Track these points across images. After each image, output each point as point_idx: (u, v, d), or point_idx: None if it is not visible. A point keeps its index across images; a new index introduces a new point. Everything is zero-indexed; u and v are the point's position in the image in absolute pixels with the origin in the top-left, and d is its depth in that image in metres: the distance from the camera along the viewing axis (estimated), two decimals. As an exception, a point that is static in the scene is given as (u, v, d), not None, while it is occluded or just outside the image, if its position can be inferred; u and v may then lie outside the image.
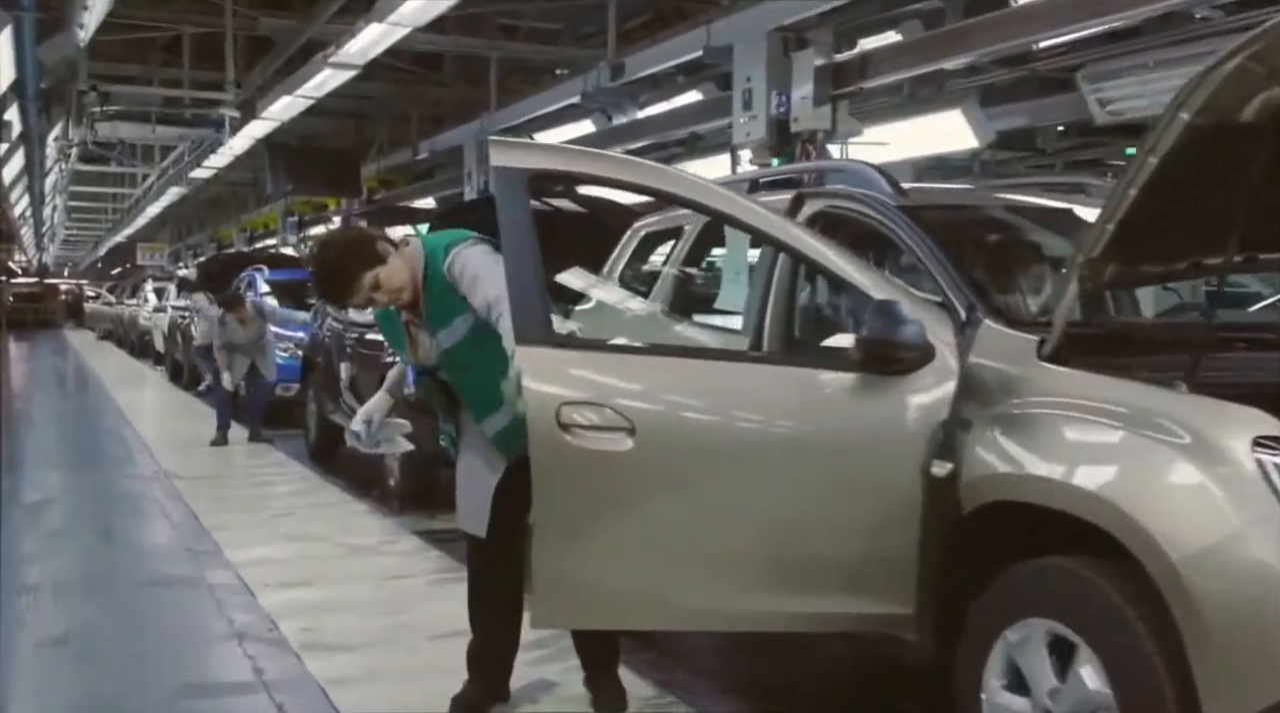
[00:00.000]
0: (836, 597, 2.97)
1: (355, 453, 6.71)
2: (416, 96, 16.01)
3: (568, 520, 3.00)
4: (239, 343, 10.34)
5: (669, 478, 2.98)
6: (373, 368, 7.90)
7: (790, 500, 2.95)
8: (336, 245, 3.52)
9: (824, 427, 2.96)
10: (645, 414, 2.96)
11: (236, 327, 10.28)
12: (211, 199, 31.43)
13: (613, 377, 3.06)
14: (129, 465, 9.70)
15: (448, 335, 3.45)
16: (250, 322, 10.26)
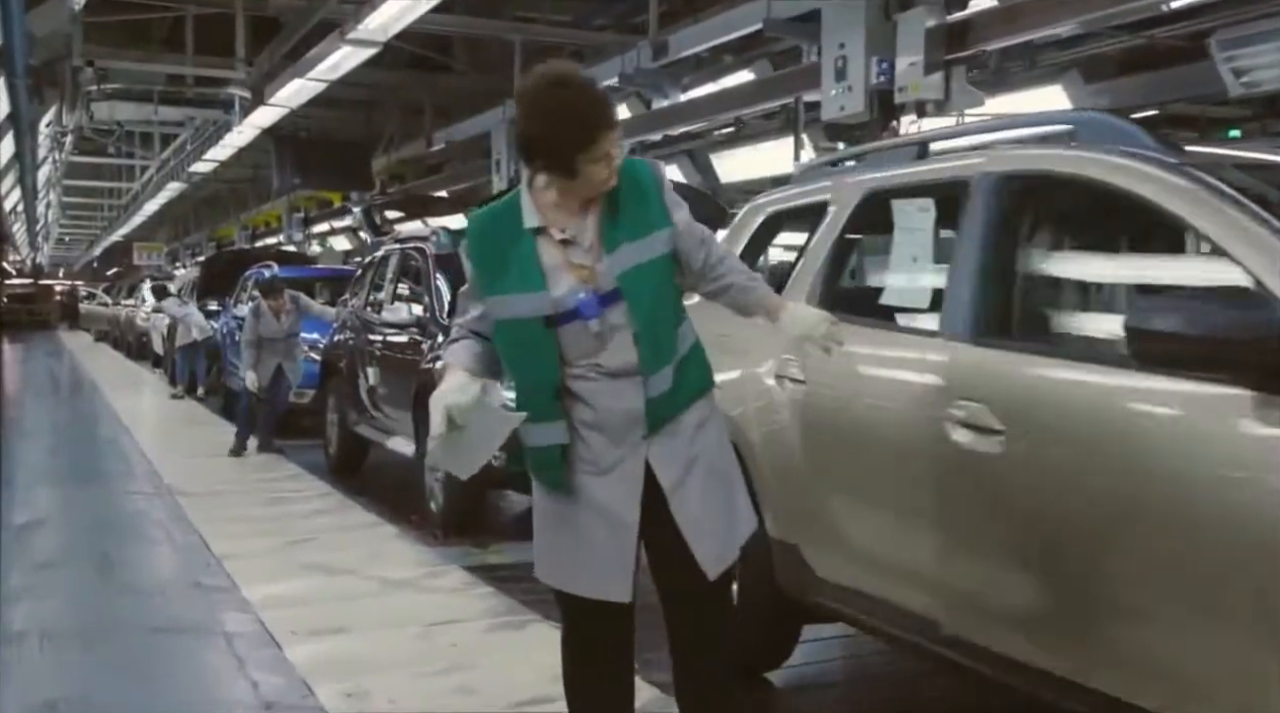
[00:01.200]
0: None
1: (383, 468, 5.82)
2: (429, 86, 15.17)
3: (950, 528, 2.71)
4: (272, 338, 9.41)
5: (1034, 493, 2.63)
6: (399, 375, 7.03)
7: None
8: (578, 86, 2.52)
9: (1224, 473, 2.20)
10: (1018, 417, 2.62)
11: (271, 319, 9.36)
12: (209, 198, 30.65)
13: (985, 374, 2.76)
14: (128, 480, 8.81)
15: (640, 250, 2.55)
16: (286, 314, 9.34)
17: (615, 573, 2.66)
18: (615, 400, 2.57)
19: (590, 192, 2.53)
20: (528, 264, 2.55)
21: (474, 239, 2.65)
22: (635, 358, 2.57)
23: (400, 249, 7.78)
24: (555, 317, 2.52)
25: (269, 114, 13.14)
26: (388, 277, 7.86)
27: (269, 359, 9.43)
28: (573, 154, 2.46)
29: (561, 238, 2.55)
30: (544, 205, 2.57)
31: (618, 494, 2.63)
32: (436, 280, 6.98)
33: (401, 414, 6.99)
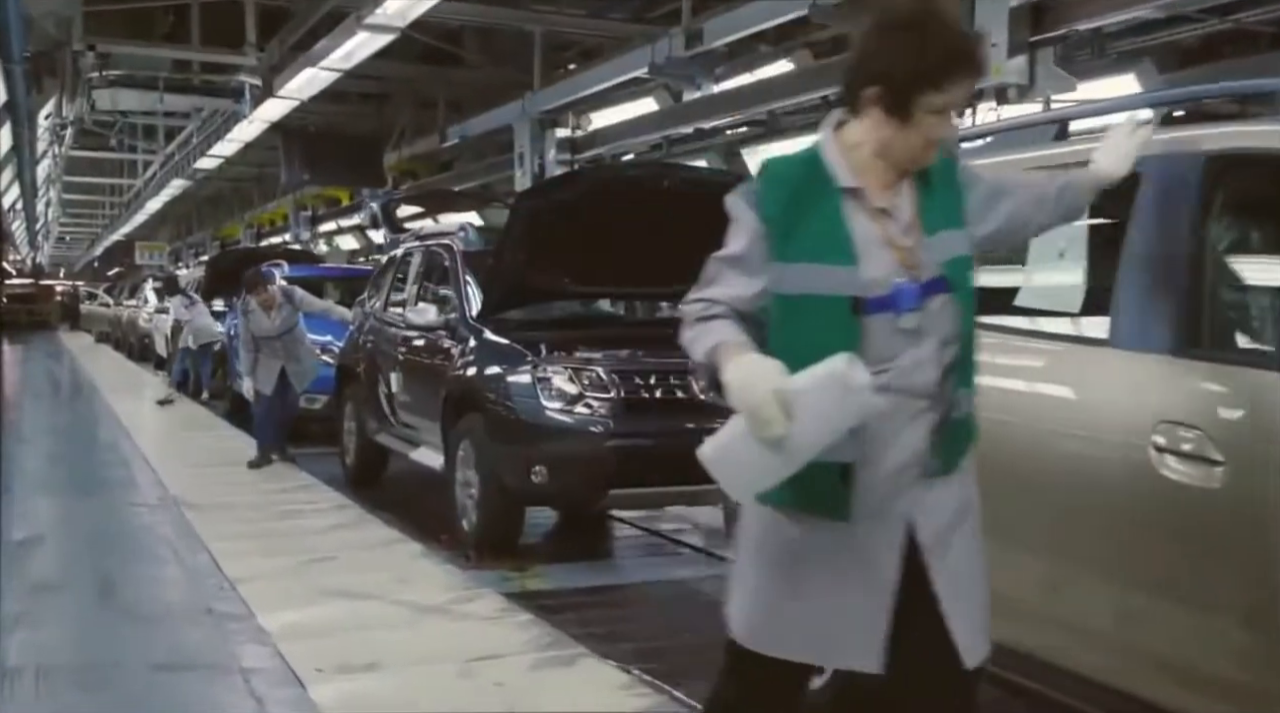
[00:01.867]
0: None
1: (402, 479, 5.27)
2: (442, 79, 14.68)
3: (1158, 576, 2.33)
4: (267, 336, 8.81)
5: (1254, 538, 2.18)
6: (426, 382, 6.53)
7: None
8: (950, 13, 2.09)
9: None
10: (1237, 444, 2.21)
11: (261, 316, 8.70)
12: (213, 196, 30.18)
13: (1197, 392, 2.35)
14: (131, 490, 8.31)
15: (958, 241, 2.10)
16: (278, 308, 8.66)
17: (870, 638, 2.07)
18: (902, 425, 2.04)
19: (911, 155, 2.05)
20: (835, 230, 2.03)
21: (770, 186, 2.11)
22: (935, 374, 2.04)
23: (424, 247, 7.28)
24: (864, 301, 2.01)
25: (278, 107, 12.65)
26: (410, 276, 7.36)
27: (269, 362, 8.82)
28: (918, 89, 1.98)
29: (879, 207, 2.06)
30: (855, 165, 2.08)
31: (877, 544, 2.06)
32: (465, 281, 6.48)
33: (428, 424, 6.50)
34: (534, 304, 6.41)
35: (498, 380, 5.59)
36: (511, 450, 5.45)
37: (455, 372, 6.03)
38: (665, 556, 6.24)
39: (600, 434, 5.35)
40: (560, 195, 5.80)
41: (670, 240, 6.13)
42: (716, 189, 5.58)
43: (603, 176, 6.00)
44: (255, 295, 8.64)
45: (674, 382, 5.56)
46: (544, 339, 5.73)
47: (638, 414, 5.46)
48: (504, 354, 5.68)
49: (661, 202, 5.87)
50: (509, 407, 5.50)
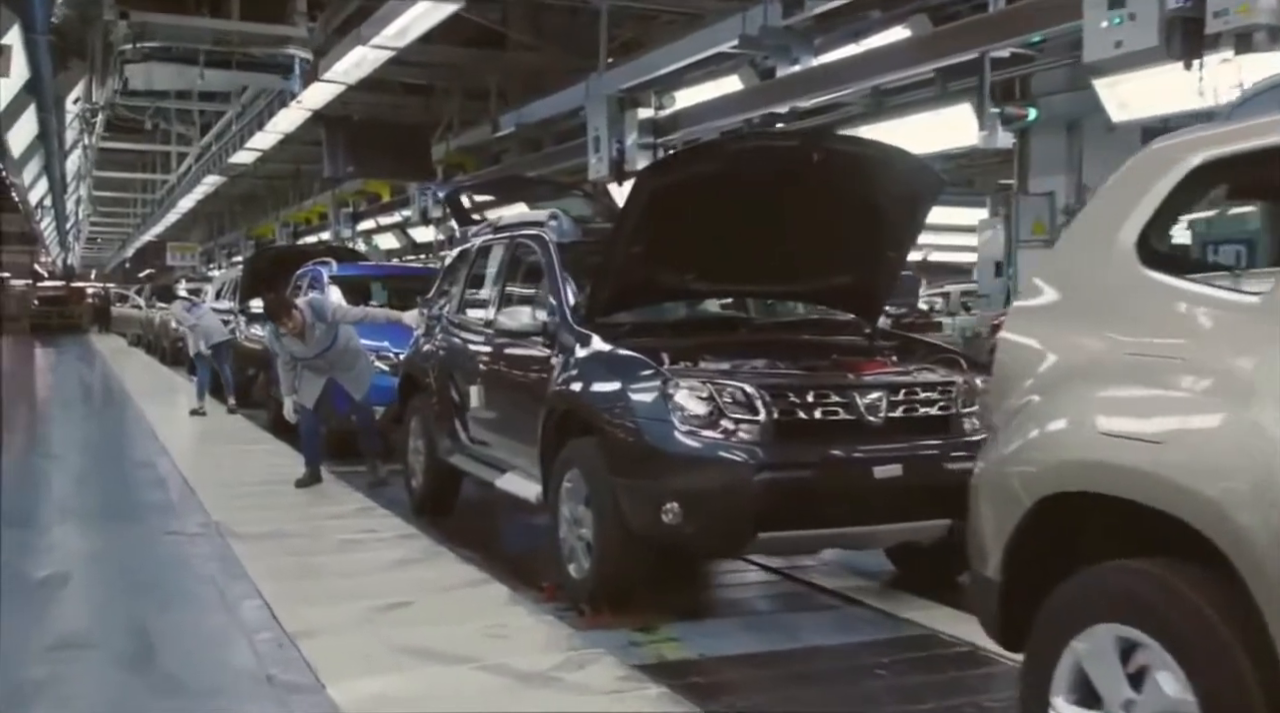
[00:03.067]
0: None
1: (475, 503, 4.38)
2: (495, 64, 13.75)
3: None
4: (305, 357, 7.91)
5: None
6: (519, 397, 5.53)
7: None
8: None
9: None
10: None
11: (294, 341, 7.79)
12: (245, 195, 29.46)
13: None
14: (168, 516, 7.38)
15: None
16: (309, 329, 7.73)
17: None
18: None
19: None
20: None
21: None
22: None
23: (508, 239, 6.27)
24: None
25: (323, 92, 11.72)
26: (490, 273, 6.35)
27: (313, 378, 7.93)
28: None
29: None
30: None
31: None
32: (563, 278, 5.47)
33: (520, 447, 5.49)
34: (649, 305, 5.40)
35: (618, 398, 4.57)
36: (637, 484, 4.43)
37: (558, 387, 5.01)
38: (826, 612, 5.12)
39: (747, 464, 4.33)
40: (688, 172, 4.78)
41: (820, 227, 5.17)
42: (880, 163, 4.60)
43: (740, 148, 4.94)
44: (281, 325, 7.68)
45: (835, 399, 4.52)
46: (669, 348, 4.71)
47: (792, 439, 4.43)
48: (624, 366, 4.65)
49: (810, 179, 4.85)
50: (633, 430, 4.46)
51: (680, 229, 4.88)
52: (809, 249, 5.14)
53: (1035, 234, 9.23)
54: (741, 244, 5.05)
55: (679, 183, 4.75)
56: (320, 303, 7.85)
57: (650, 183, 4.75)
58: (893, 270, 5.51)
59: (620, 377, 4.65)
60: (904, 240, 5.35)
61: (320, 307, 7.79)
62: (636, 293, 5.10)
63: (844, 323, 5.74)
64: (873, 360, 4.86)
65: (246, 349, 13.34)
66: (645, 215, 4.78)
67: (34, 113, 10.76)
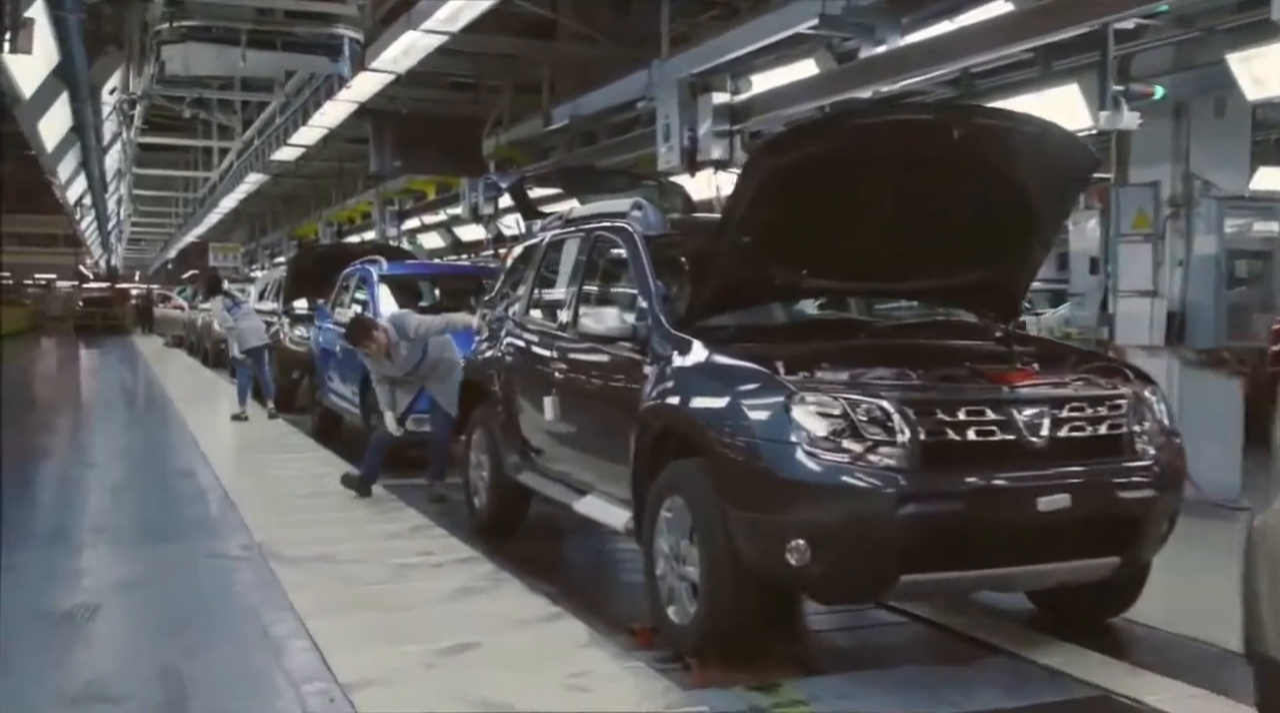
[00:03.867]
0: None
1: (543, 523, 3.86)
2: (548, 54, 13.08)
3: None
4: (396, 376, 7.45)
5: None
6: (605, 410, 4.86)
7: None
8: None
9: None
10: None
11: (380, 362, 7.36)
12: (288, 195, 29.05)
13: None
14: (207, 535, 6.80)
15: None
16: (394, 347, 7.25)
17: None
18: None
19: None
20: None
21: None
22: None
23: (583, 232, 5.58)
24: None
25: (370, 82, 11.11)
26: (565, 271, 5.66)
27: (403, 396, 7.47)
28: None
29: None
30: None
31: None
32: (654, 275, 4.78)
33: (605, 468, 4.81)
34: (757, 306, 4.69)
35: (731, 415, 3.86)
36: (755, 517, 3.73)
37: (654, 400, 4.31)
38: (970, 665, 4.31)
39: (890, 494, 3.61)
40: (808, 150, 4.07)
41: (954, 214, 4.46)
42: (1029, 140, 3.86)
43: (869, 122, 4.20)
44: (363, 348, 7.22)
45: (990, 416, 3.80)
46: (783, 356, 4.01)
47: (942, 464, 3.72)
48: (737, 377, 3.94)
49: (947, 158, 4.14)
50: (750, 453, 3.76)
51: (796, 217, 4.18)
52: (941, 239, 4.43)
53: (1137, 228, 8.43)
54: (864, 234, 4.35)
55: (797, 162, 4.05)
56: (402, 320, 7.32)
57: (765, 162, 4.04)
58: (1033, 264, 4.78)
59: (732, 390, 3.95)
60: (1049, 229, 4.61)
61: (402, 324, 7.27)
62: (744, 292, 4.39)
63: (971, 325, 5.01)
64: (1022, 370, 4.13)
65: (291, 352, 12.84)
66: (757, 200, 4.08)
67: (67, 102, 10.21)
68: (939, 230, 4.39)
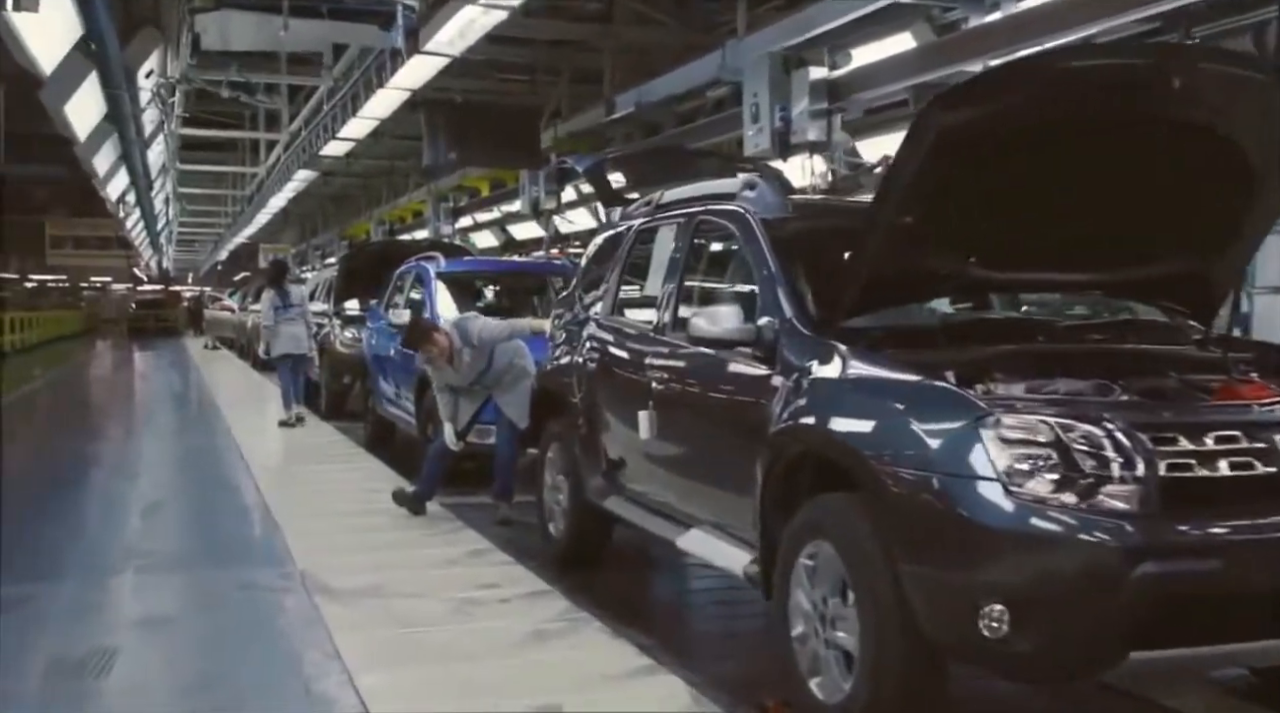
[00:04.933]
0: None
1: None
2: (611, 38, 12.33)
3: None
4: (461, 385, 6.70)
5: None
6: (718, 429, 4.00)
7: None
8: None
9: None
10: None
11: (445, 371, 6.63)
12: (338, 194, 28.61)
13: None
14: (246, 560, 6.08)
15: None
16: (456, 353, 6.53)
17: None
18: None
19: None
20: None
21: None
22: None
23: (683, 217, 4.73)
24: None
25: (424, 67, 10.39)
26: (660, 263, 4.80)
27: (468, 405, 6.67)
28: None
29: None
30: None
31: None
32: (780, 266, 3.91)
33: (720, 498, 3.96)
34: (916, 301, 3.83)
35: (902, 441, 2.99)
36: (937, 574, 2.87)
37: (789, 420, 3.43)
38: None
39: (1120, 549, 2.73)
40: (991, 105, 3.19)
41: (1162, 186, 3.57)
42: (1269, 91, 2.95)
43: (1068, 68, 3.28)
44: (424, 352, 6.50)
45: (1245, 445, 2.91)
46: (957, 364, 3.15)
47: (1189, 508, 2.83)
48: (908, 393, 3.08)
49: (1160, 113, 3.26)
50: (932, 491, 2.89)
51: (969, 191, 3.31)
52: (1143, 219, 3.54)
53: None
54: (1048, 213, 3.46)
55: (977, 120, 3.18)
56: (465, 325, 6.57)
57: (938, 120, 3.16)
58: (1248, 251, 3.87)
59: (901, 408, 3.08)
60: (1275, 208, 3.70)
61: (465, 329, 6.50)
62: (902, 285, 3.52)
63: (1162, 326, 4.10)
64: (1257, 382, 3.23)
65: (342, 355, 12.13)
66: (925, 169, 3.22)
67: (97, 84, 9.51)
68: (1143, 207, 3.50)
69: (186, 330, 39.04)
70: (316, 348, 12.90)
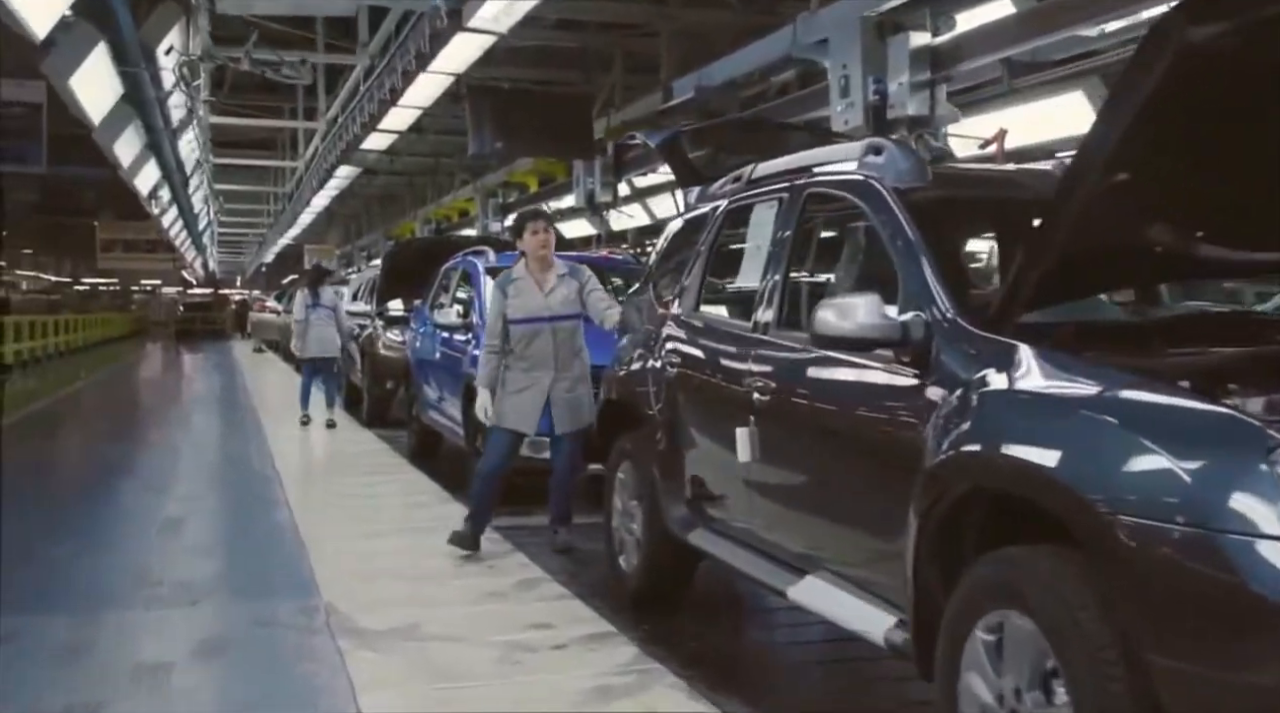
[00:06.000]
0: None
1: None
2: (667, 19, 11.53)
3: None
4: (532, 319, 5.76)
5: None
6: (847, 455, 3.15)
7: None
8: None
9: None
10: None
11: (529, 288, 5.81)
12: (382, 194, 28.06)
13: None
14: (263, 588, 5.43)
15: None
16: (554, 271, 5.84)
17: None
18: None
19: None
20: None
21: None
22: None
23: (790, 192, 3.85)
24: None
25: (467, 47, 9.62)
26: (759, 248, 3.91)
27: (525, 385, 5.66)
28: None
29: None
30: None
31: None
32: (928, 247, 3.04)
33: (853, 540, 3.10)
34: (1122, 288, 2.96)
35: (1150, 481, 2.10)
36: (1217, 676, 2.00)
37: (954, 445, 2.54)
38: None
39: None
40: (1251, 15, 2.32)
41: None
42: None
43: None
44: (529, 234, 5.71)
45: None
46: (1184, 371, 2.28)
47: None
48: (1151, 416, 2.18)
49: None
50: (1199, 552, 2.01)
51: (1205, 142, 2.43)
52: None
53: None
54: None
55: (1229, 38, 2.30)
56: (576, 266, 5.97)
57: (1177, 36, 2.27)
58: None
59: (1144, 436, 2.19)
60: None
61: (576, 267, 5.96)
62: (1106, 267, 2.64)
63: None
64: None
65: (385, 358, 11.40)
66: (1150, 109, 2.34)
67: (107, 57, 8.70)
68: None
69: (234, 333, 38.84)
70: (357, 350, 12.36)
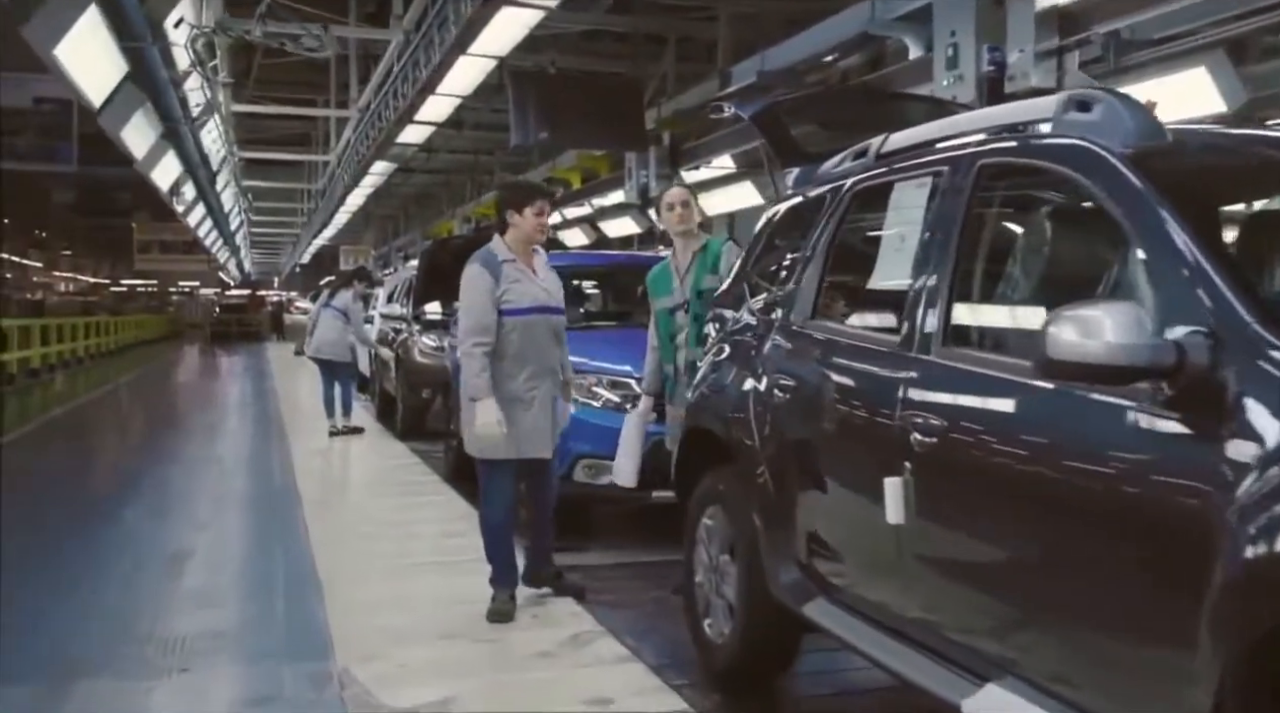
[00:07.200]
0: None
1: None
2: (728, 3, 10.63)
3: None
4: (530, 309, 4.90)
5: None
6: (1071, 532, 2.18)
7: None
8: None
9: None
10: None
11: (522, 277, 5.01)
12: (419, 194, 27.35)
13: None
14: (268, 648, 4.55)
15: None
16: (543, 266, 5.11)
17: None
18: None
19: None
20: None
21: None
22: None
23: (952, 165, 2.86)
24: None
25: (510, 25, 8.78)
26: (904, 241, 2.92)
27: (522, 393, 4.74)
28: None
29: None
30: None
31: None
32: (1197, 237, 2.09)
33: (1082, 645, 2.15)
34: None
35: None
36: None
37: (1235, 513, 1.62)
38: None
39: None
40: None
41: None
42: None
43: None
44: (531, 212, 4.85)
45: None
46: None
47: None
48: None
49: None
50: None
51: None
52: None
53: None
54: None
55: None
56: None
57: None
58: None
59: None
60: None
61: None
62: None
63: None
64: None
65: (421, 365, 10.45)
66: None
67: (103, 25, 7.85)
68: None
69: (270, 335, 38.19)
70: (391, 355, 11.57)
